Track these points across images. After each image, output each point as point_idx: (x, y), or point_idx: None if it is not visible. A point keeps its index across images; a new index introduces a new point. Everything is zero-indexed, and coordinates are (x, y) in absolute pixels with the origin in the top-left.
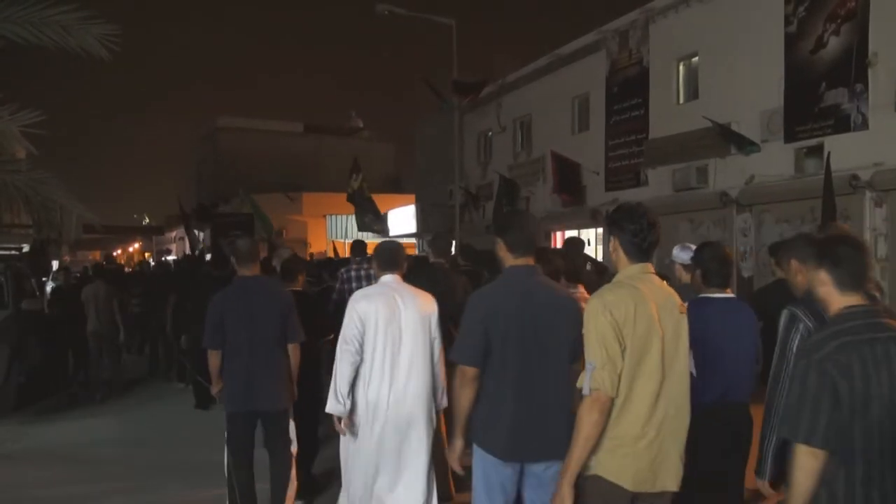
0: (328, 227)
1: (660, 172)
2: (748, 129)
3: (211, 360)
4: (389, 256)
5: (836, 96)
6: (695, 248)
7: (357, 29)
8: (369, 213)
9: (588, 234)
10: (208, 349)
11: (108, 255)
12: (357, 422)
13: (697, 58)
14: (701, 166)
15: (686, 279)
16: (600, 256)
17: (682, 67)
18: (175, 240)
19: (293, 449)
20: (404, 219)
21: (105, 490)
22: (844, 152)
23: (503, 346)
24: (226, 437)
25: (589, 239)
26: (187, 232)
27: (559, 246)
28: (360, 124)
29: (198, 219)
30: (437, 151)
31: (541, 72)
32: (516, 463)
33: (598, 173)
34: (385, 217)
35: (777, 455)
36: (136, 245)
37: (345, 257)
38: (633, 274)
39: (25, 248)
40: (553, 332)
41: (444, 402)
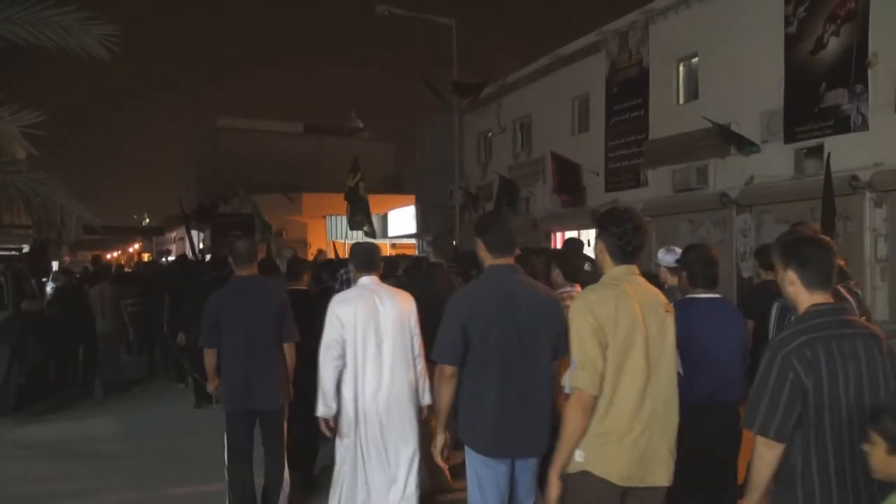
0: (328, 227)
1: (660, 173)
2: (748, 129)
3: (207, 358)
4: (366, 258)
5: (836, 97)
6: (680, 251)
7: (357, 29)
8: (360, 212)
9: (588, 235)
10: (204, 348)
11: (96, 256)
12: (344, 422)
13: (697, 58)
14: (701, 167)
15: (671, 282)
16: None
17: (681, 68)
18: (175, 240)
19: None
20: (404, 219)
21: (105, 487)
22: (844, 153)
23: (484, 344)
24: (225, 435)
25: (589, 239)
26: (187, 233)
27: (559, 246)
28: (360, 124)
29: (198, 219)
30: (437, 152)
31: (541, 72)
32: (506, 459)
33: (597, 174)
34: (385, 218)
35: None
36: (136, 245)
37: (345, 258)
38: (618, 275)
39: (25, 249)
40: (534, 330)
41: (427, 398)
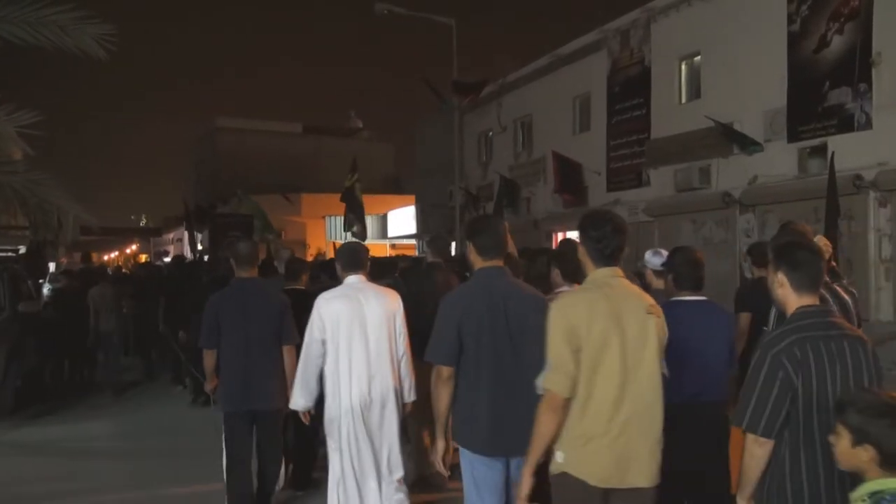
0: (327, 228)
1: (662, 173)
2: (751, 128)
3: (206, 359)
4: (351, 257)
5: (840, 96)
6: (667, 253)
7: (356, 29)
8: (351, 213)
9: None
10: (204, 348)
11: (87, 255)
12: (331, 420)
13: (699, 57)
14: (703, 166)
15: (657, 284)
16: None
17: (684, 66)
18: (172, 241)
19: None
20: (404, 220)
21: (104, 486)
22: (848, 152)
23: (477, 345)
24: (223, 436)
25: None
26: (190, 233)
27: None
28: (360, 124)
29: (196, 220)
30: (438, 152)
31: (541, 71)
32: (501, 458)
33: (599, 173)
34: (385, 218)
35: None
36: (134, 247)
37: None
38: (598, 278)
39: (22, 250)
40: (524, 329)
41: (411, 395)
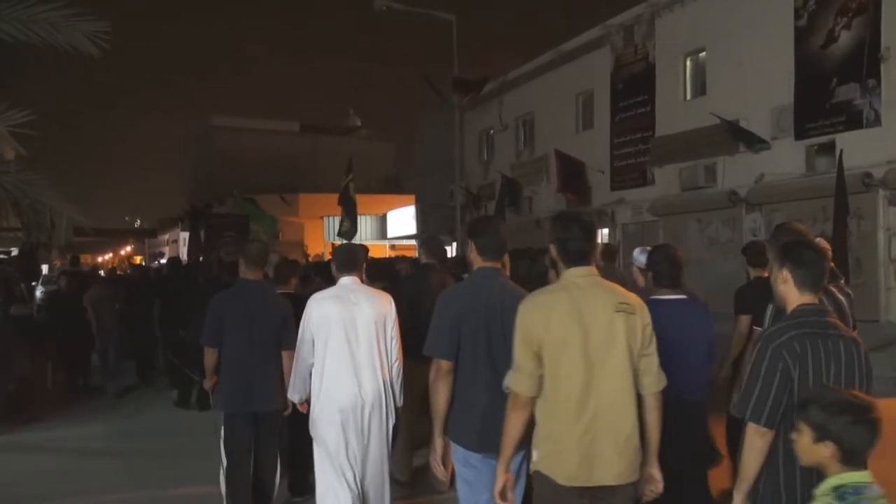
0: (325, 228)
1: (667, 171)
2: (757, 126)
3: (207, 357)
4: (346, 258)
5: (848, 92)
6: None
7: (354, 25)
8: (346, 213)
9: None
10: (206, 346)
11: (75, 258)
12: (320, 422)
13: (705, 53)
14: (709, 164)
15: (642, 282)
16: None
17: (689, 63)
18: (168, 242)
19: None
20: (404, 220)
21: (100, 487)
22: (857, 149)
23: (473, 342)
24: (222, 438)
25: None
26: (194, 232)
27: None
28: (358, 123)
29: (191, 220)
30: (438, 150)
31: (543, 68)
32: (494, 455)
33: (603, 172)
34: (384, 218)
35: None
36: (128, 248)
37: None
38: (568, 278)
39: (14, 252)
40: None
41: (400, 399)
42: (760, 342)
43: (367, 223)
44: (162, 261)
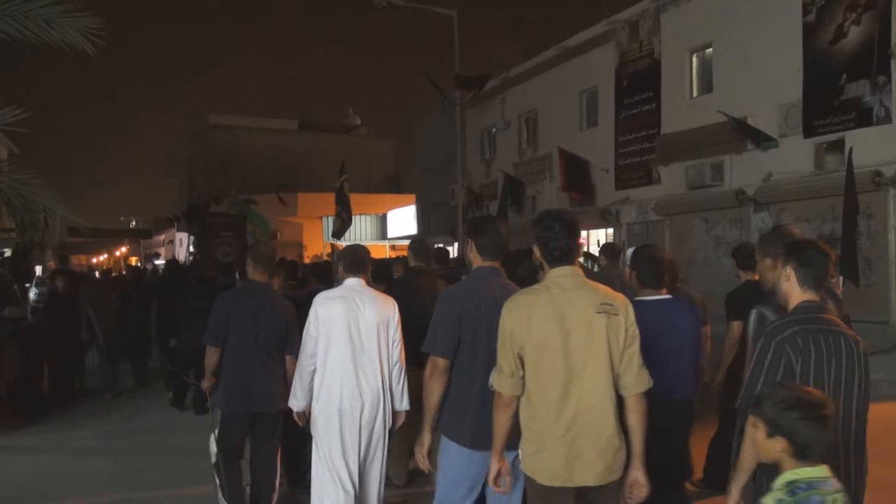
0: (325, 228)
1: (672, 169)
2: (765, 123)
3: (209, 356)
4: (354, 259)
5: (858, 89)
6: None
7: (354, 22)
8: (343, 211)
9: (598, 235)
10: (209, 345)
11: (63, 257)
12: (320, 421)
13: (711, 49)
14: (716, 163)
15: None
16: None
17: (695, 59)
18: (164, 243)
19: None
20: (404, 220)
21: (94, 489)
22: (867, 147)
23: (473, 340)
24: (217, 435)
25: (598, 239)
26: (198, 233)
27: None
28: (358, 121)
29: (188, 220)
30: (439, 149)
31: (547, 65)
32: (485, 451)
33: (607, 171)
34: (385, 218)
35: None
36: (124, 249)
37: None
38: (550, 278)
39: (7, 253)
40: None
41: (404, 403)
42: (763, 337)
43: (367, 223)
44: (157, 262)
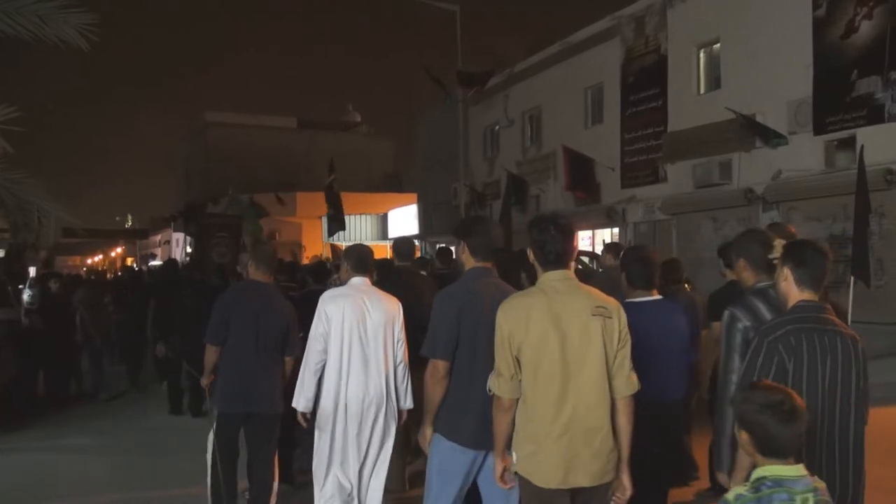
0: (324, 228)
1: (680, 167)
2: (774, 120)
3: (208, 354)
4: (359, 259)
5: (869, 85)
6: None
7: (354, 22)
8: (332, 209)
9: (604, 234)
10: (209, 344)
11: (48, 260)
12: (324, 417)
13: (719, 44)
14: (724, 161)
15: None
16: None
17: (702, 55)
18: (160, 244)
19: None
20: (405, 219)
21: (89, 490)
22: (878, 145)
23: (472, 341)
24: (213, 434)
25: (604, 239)
26: (196, 234)
27: None
28: (358, 118)
29: (185, 220)
30: (441, 147)
31: (551, 61)
32: (481, 451)
33: (613, 169)
34: (385, 218)
35: (734, 447)
36: (119, 249)
37: (336, 263)
38: (545, 281)
39: (1, 254)
40: None
41: (409, 402)
42: (757, 336)
43: (368, 222)
44: (154, 262)
